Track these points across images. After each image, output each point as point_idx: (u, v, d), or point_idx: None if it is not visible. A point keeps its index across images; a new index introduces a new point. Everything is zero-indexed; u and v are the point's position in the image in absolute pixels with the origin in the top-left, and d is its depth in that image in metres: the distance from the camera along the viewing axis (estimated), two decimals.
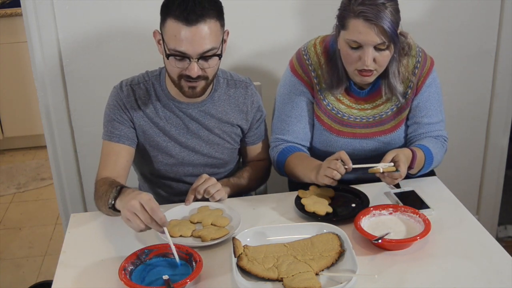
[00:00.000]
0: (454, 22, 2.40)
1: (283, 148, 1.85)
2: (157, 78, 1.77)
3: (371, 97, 1.80)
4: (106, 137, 1.74)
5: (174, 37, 1.55)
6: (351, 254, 1.39)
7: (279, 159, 1.84)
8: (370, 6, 1.56)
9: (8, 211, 3.39)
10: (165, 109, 1.75)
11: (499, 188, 2.78)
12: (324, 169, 1.62)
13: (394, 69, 1.73)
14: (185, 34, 1.53)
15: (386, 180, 1.64)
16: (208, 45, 1.56)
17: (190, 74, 1.58)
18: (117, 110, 1.73)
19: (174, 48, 1.56)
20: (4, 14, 3.68)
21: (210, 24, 1.55)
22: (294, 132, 1.86)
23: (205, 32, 1.54)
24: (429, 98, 1.81)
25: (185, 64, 1.58)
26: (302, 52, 1.82)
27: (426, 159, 1.73)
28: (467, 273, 1.37)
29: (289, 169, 1.82)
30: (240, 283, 1.31)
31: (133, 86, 1.75)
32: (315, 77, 1.80)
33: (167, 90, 1.75)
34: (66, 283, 1.39)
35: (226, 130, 1.81)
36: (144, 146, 1.78)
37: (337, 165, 1.59)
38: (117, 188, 1.49)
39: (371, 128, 1.83)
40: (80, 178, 2.41)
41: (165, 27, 1.57)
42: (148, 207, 1.35)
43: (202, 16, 1.53)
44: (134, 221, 1.37)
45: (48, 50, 2.20)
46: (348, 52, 1.65)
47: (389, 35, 1.59)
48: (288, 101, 1.85)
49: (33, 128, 4.00)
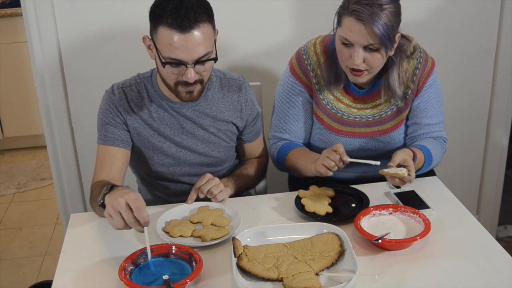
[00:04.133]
0: (454, 22, 2.40)
1: (282, 144, 1.87)
2: (148, 79, 1.77)
3: (371, 96, 1.80)
4: (101, 141, 1.75)
5: (169, 45, 1.53)
6: (351, 254, 1.39)
7: (279, 155, 1.86)
8: (365, 6, 1.56)
9: (8, 211, 3.39)
10: (159, 109, 1.75)
11: (499, 188, 2.78)
12: (322, 158, 1.63)
13: (394, 73, 1.73)
14: (179, 42, 1.52)
15: (394, 181, 1.63)
16: (203, 50, 1.55)
17: (187, 79, 1.58)
18: (110, 113, 1.73)
19: (169, 56, 1.55)
20: (4, 14, 3.68)
21: (203, 29, 1.54)
22: (291, 131, 1.88)
23: (199, 37, 1.53)
24: (429, 99, 1.81)
25: (181, 70, 1.58)
26: (301, 52, 1.82)
27: (425, 160, 1.73)
28: (467, 273, 1.37)
29: (290, 163, 1.83)
30: (240, 283, 1.31)
31: (124, 89, 1.75)
32: (314, 77, 1.80)
33: (160, 91, 1.74)
34: (66, 283, 1.39)
35: (221, 128, 1.81)
36: (140, 148, 1.78)
37: (336, 157, 1.60)
38: (107, 186, 1.50)
39: (371, 128, 1.83)
40: (80, 178, 2.41)
41: (158, 35, 1.55)
42: (134, 205, 1.34)
43: (196, 21, 1.52)
44: (115, 218, 1.36)
45: (48, 50, 2.20)
46: (341, 49, 1.66)
47: (379, 38, 1.58)
48: (286, 101, 1.86)
49: (33, 128, 4.00)
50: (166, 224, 1.58)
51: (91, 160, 1.78)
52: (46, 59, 2.21)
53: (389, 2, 1.59)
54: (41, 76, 2.23)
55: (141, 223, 1.35)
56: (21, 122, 4.03)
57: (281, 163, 1.88)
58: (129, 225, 1.36)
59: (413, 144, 1.80)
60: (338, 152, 1.61)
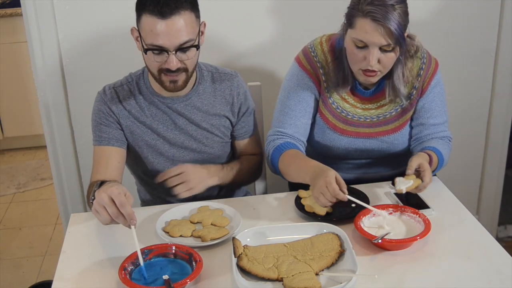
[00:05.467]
0: (454, 22, 2.40)
1: (279, 143, 1.80)
2: (140, 77, 1.78)
3: (376, 97, 1.80)
4: (96, 142, 1.75)
5: (150, 32, 1.56)
6: (351, 254, 1.39)
7: (273, 154, 1.79)
8: (379, 6, 1.56)
9: (8, 211, 3.39)
10: (151, 106, 1.76)
11: (499, 188, 2.78)
12: (323, 194, 1.55)
13: (398, 72, 1.73)
14: (160, 28, 1.54)
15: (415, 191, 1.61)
16: (184, 37, 1.57)
17: (169, 67, 1.59)
18: (102, 113, 1.74)
19: (152, 43, 1.57)
20: (4, 14, 3.68)
21: (185, 16, 1.55)
22: (296, 126, 1.82)
23: (181, 24, 1.55)
24: (434, 99, 1.81)
25: (164, 58, 1.59)
26: (309, 49, 1.81)
27: (438, 162, 1.74)
28: (467, 273, 1.37)
29: (283, 166, 1.77)
30: (240, 283, 1.31)
31: (116, 89, 1.76)
32: (323, 74, 1.79)
33: (151, 87, 1.75)
34: (66, 283, 1.39)
35: (214, 123, 1.80)
36: (134, 147, 1.79)
37: (335, 191, 1.52)
38: (97, 183, 1.51)
39: (375, 128, 1.83)
40: (80, 178, 2.41)
41: (141, 23, 1.58)
42: (117, 201, 1.35)
43: (176, 8, 1.54)
44: (101, 213, 1.38)
45: (48, 50, 2.20)
46: (354, 51, 1.64)
47: (395, 37, 1.58)
48: (294, 95, 1.82)
49: (33, 128, 4.00)
50: (166, 224, 1.58)
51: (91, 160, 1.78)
52: (46, 59, 2.21)
53: (400, 2, 1.59)
54: (41, 76, 2.23)
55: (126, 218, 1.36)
56: (21, 122, 4.03)
57: (274, 163, 1.80)
58: (115, 219, 1.37)
59: (422, 145, 1.80)
60: (339, 184, 1.53)
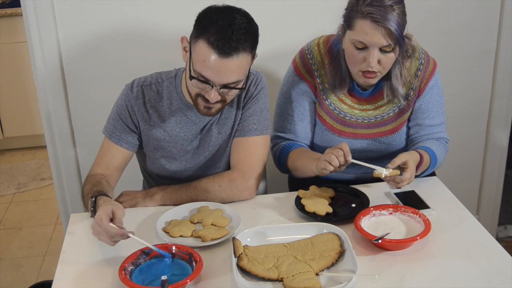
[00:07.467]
0: (454, 22, 2.40)
1: (284, 145, 1.85)
2: (172, 81, 1.72)
3: (373, 98, 1.80)
4: (107, 134, 1.74)
5: (203, 62, 1.49)
6: (351, 254, 1.39)
7: (281, 155, 1.85)
8: (378, 7, 1.56)
9: (8, 211, 3.39)
10: (177, 112, 1.72)
11: (499, 188, 2.78)
12: (325, 155, 1.61)
13: (396, 72, 1.73)
14: (214, 63, 1.48)
15: (390, 183, 1.65)
16: (234, 78, 1.52)
17: (209, 98, 1.55)
18: (124, 111, 1.72)
19: (200, 72, 1.51)
20: (4, 14, 3.68)
21: (241, 58, 1.50)
22: (295, 131, 1.86)
23: (235, 65, 1.50)
24: (431, 100, 1.81)
25: (206, 88, 1.54)
26: (305, 51, 1.82)
27: (430, 162, 1.74)
28: (467, 273, 1.37)
29: (291, 163, 1.82)
30: (240, 283, 1.31)
31: (144, 87, 1.72)
32: (318, 77, 1.80)
33: (182, 94, 1.71)
34: (66, 283, 1.39)
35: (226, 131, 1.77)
36: (148, 150, 1.78)
37: (338, 152, 1.59)
38: (92, 201, 1.53)
39: (373, 129, 1.83)
40: (80, 178, 2.41)
41: (196, 46, 1.51)
42: (101, 228, 1.40)
43: (237, 49, 1.48)
44: (100, 240, 1.44)
45: (48, 50, 2.20)
46: (353, 52, 1.64)
47: (395, 38, 1.58)
48: (291, 101, 1.84)
49: (33, 128, 4.00)
50: (166, 224, 1.58)
51: (91, 160, 1.78)
52: (46, 59, 2.21)
53: (398, 2, 1.59)
54: (41, 76, 2.23)
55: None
56: (21, 122, 4.03)
57: (282, 162, 1.86)
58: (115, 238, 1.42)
59: (417, 145, 1.80)
60: (343, 150, 1.60)
